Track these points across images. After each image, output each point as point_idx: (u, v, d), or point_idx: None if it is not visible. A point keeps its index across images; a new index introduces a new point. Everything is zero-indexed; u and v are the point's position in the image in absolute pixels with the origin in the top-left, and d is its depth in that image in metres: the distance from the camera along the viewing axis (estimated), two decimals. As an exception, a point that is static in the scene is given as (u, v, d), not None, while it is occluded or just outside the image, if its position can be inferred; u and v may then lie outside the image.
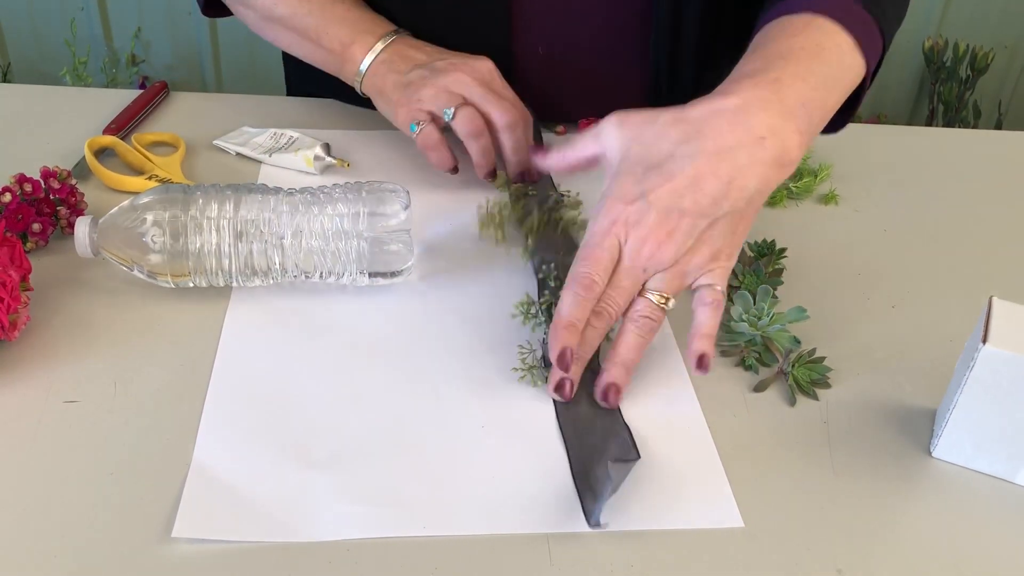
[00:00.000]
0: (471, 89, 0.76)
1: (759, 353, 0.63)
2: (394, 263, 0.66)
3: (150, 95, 0.90)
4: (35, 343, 0.61)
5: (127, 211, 0.62)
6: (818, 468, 0.56)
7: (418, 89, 0.76)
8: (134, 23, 1.94)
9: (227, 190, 0.64)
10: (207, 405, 0.57)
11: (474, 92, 0.76)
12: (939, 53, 1.98)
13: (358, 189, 0.65)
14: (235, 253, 0.62)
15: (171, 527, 0.49)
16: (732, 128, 0.56)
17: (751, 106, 0.57)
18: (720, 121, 0.57)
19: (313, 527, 0.50)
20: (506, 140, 0.76)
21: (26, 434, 0.54)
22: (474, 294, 0.68)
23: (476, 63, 0.77)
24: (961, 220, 0.82)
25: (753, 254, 0.72)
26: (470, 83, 0.76)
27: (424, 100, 0.76)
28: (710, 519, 0.52)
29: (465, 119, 0.75)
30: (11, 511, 0.50)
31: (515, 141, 0.77)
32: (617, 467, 0.51)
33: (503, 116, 0.76)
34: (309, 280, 0.66)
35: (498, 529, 0.50)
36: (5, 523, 0.49)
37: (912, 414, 0.60)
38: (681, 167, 0.56)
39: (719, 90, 0.59)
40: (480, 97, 0.76)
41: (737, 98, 0.57)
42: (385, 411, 0.58)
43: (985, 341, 0.51)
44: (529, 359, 0.61)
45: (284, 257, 0.63)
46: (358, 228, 0.64)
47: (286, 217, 0.63)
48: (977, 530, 0.53)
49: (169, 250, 0.62)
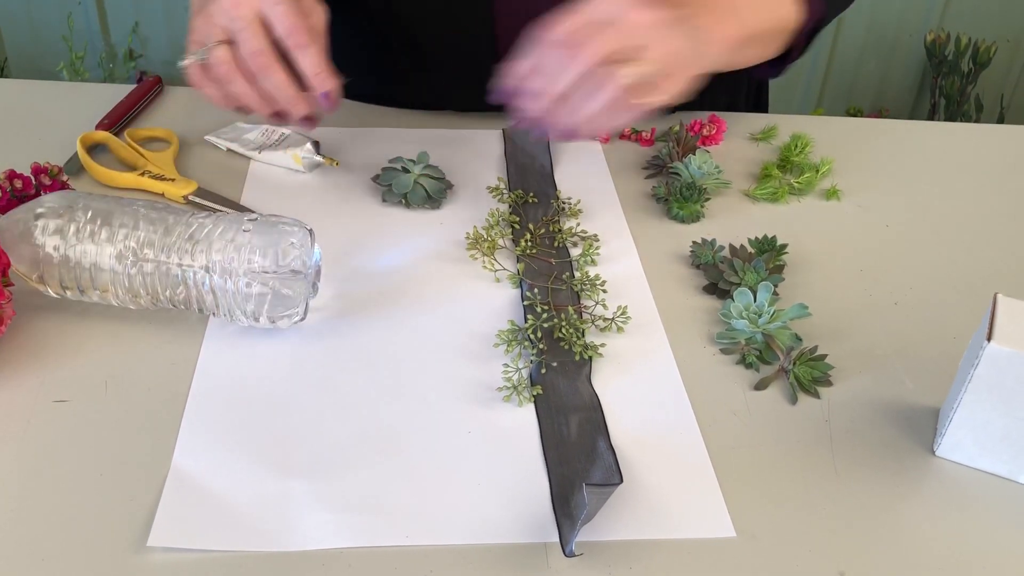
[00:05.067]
0: (231, 19, 0.66)
1: (760, 351, 0.62)
2: (280, 308, 0.59)
3: (144, 90, 0.89)
4: (24, 342, 0.60)
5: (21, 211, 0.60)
6: (820, 467, 0.55)
7: (194, 18, 0.68)
8: (131, 18, 1.93)
9: (125, 205, 0.60)
10: (187, 411, 0.56)
11: (233, 23, 0.66)
12: (941, 47, 1.97)
13: (258, 224, 0.59)
14: (124, 273, 0.59)
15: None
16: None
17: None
18: None
19: (293, 536, 0.49)
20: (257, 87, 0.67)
21: (14, 434, 0.53)
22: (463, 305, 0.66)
23: None
24: (964, 215, 0.81)
25: (754, 250, 0.71)
26: (230, 10, 0.66)
27: (194, 31, 0.68)
28: (702, 529, 0.51)
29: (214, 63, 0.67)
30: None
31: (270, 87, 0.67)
32: (595, 492, 0.49)
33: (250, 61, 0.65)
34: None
35: (482, 539, 0.49)
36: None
37: (915, 413, 0.59)
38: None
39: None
40: (236, 30, 0.66)
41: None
42: (368, 418, 0.56)
43: (990, 339, 0.50)
44: (515, 378, 0.59)
45: (168, 287, 0.59)
46: (246, 267, 0.58)
47: (176, 244, 0.58)
48: (982, 530, 0.52)
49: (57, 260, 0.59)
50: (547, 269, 0.69)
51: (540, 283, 0.67)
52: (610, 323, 0.64)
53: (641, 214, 0.77)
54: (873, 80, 2.07)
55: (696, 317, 0.66)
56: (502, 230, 0.73)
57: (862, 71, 2.06)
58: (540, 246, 0.71)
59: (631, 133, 0.88)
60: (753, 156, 0.87)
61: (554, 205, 0.76)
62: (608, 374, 0.61)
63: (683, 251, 0.73)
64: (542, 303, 0.65)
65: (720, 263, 0.69)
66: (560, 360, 0.61)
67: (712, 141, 0.87)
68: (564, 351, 0.61)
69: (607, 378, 0.60)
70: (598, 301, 0.67)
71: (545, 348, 0.61)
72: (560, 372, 0.60)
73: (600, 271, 0.70)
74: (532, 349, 0.61)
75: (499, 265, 0.69)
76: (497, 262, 0.70)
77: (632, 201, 0.79)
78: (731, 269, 0.68)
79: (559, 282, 0.68)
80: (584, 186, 0.80)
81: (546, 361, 0.60)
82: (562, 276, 0.68)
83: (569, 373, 0.60)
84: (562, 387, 0.59)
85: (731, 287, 0.67)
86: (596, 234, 0.74)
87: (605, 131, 0.65)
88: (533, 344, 0.61)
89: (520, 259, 0.70)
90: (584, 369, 0.60)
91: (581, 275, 0.68)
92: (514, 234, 0.73)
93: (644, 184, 0.82)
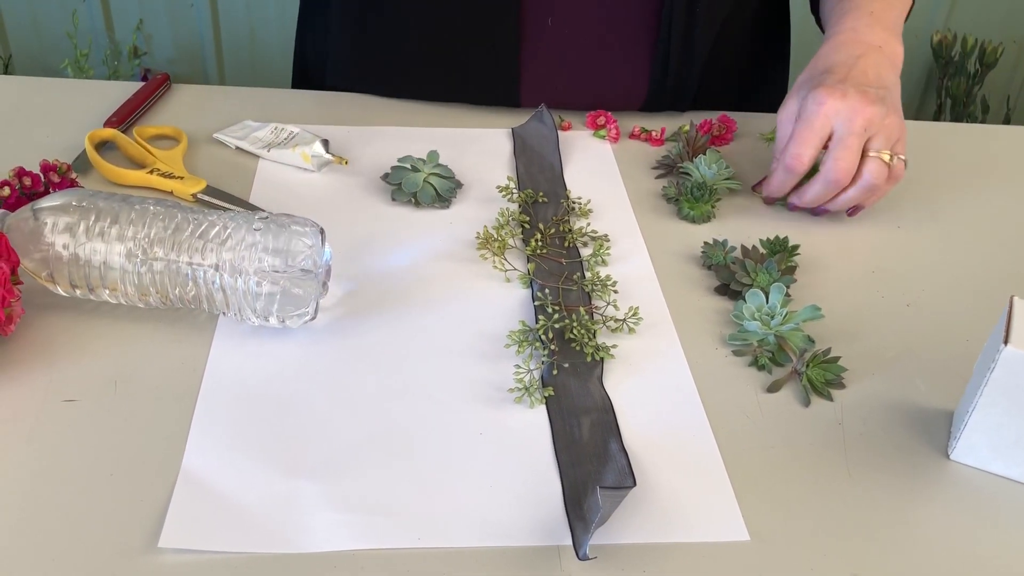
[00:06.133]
0: None
1: (772, 353, 0.62)
2: (291, 307, 0.59)
3: (152, 88, 0.89)
4: (33, 340, 0.59)
5: (27, 209, 0.60)
6: (833, 470, 0.55)
7: None
8: (136, 15, 1.93)
9: (134, 203, 0.60)
10: (197, 411, 0.55)
11: None
12: (947, 47, 1.97)
13: (268, 223, 0.59)
14: (134, 271, 0.58)
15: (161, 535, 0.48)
16: (855, 46, 0.76)
17: (861, 29, 0.77)
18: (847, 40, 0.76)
19: (304, 537, 0.48)
20: None
21: (24, 433, 0.53)
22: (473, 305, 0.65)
23: None
24: (973, 216, 0.81)
25: (766, 251, 0.71)
26: None
27: None
28: (716, 533, 0.50)
29: None
30: (3, 513, 0.49)
31: None
32: (608, 495, 0.49)
33: None
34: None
35: (495, 542, 0.49)
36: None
37: (928, 415, 0.59)
38: (846, 66, 0.73)
39: (832, 32, 0.78)
40: None
41: (851, 32, 0.77)
42: (379, 418, 0.56)
43: (1007, 342, 0.50)
44: (526, 379, 0.59)
45: (177, 286, 0.59)
46: (256, 266, 0.57)
47: (186, 243, 0.58)
48: (996, 535, 0.52)
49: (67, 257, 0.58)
50: (558, 269, 0.69)
51: (551, 283, 0.67)
52: (622, 324, 0.64)
53: (651, 214, 0.77)
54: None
55: (708, 318, 0.66)
56: (512, 230, 0.73)
57: (868, 71, 2.05)
58: (550, 246, 0.71)
59: (641, 132, 0.88)
60: (764, 156, 0.87)
61: (564, 205, 0.76)
62: (620, 376, 0.60)
63: (694, 252, 0.72)
64: (553, 303, 0.65)
65: (732, 264, 0.69)
66: (572, 361, 0.60)
67: (722, 141, 0.87)
68: (576, 352, 0.61)
69: (619, 380, 0.60)
70: (609, 302, 0.66)
71: (556, 349, 0.61)
72: (572, 373, 0.59)
73: (611, 271, 0.69)
74: (543, 350, 0.61)
75: (509, 265, 0.69)
76: (507, 262, 0.69)
77: (642, 201, 0.79)
78: (743, 270, 0.68)
79: (570, 282, 0.67)
80: (594, 186, 0.80)
81: (558, 362, 0.60)
82: (573, 276, 0.68)
83: (581, 374, 0.59)
84: (574, 388, 0.58)
85: (743, 288, 0.66)
86: (606, 234, 0.73)
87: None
88: (544, 345, 0.61)
89: (530, 259, 0.69)
90: (596, 370, 0.60)
91: (592, 275, 0.68)
92: (524, 234, 0.73)
93: (655, 184, 0.81)
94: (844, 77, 0.72)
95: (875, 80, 0.73)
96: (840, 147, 0.71)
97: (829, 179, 0.72)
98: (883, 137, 0.71)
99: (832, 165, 0.71)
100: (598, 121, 0.88)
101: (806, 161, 0.72)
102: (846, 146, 0.71)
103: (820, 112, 0.71)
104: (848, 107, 0.70)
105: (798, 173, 0.73)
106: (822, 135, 0.72)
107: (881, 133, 0.71)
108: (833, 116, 0.71)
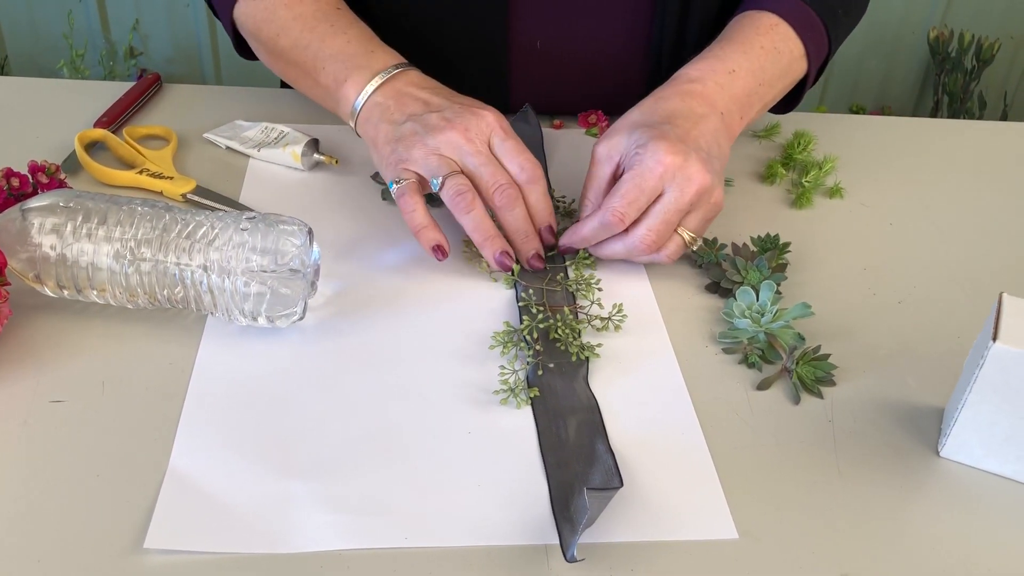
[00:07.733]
0: (464, 153, 0.66)
1: (762, 350, 0.62)
2: (279, 307, 0.59)
3: (143, 87, 0.89)
4: (20, 341, 0.59)
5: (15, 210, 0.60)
6: (823, 468, 0.54)
7: (408, 148, 0.66)
8: (132, 16, 1.93)
9: (122, 203, 0.59)
10: (184, 411, 0.55)
11: (468, 157, 0.66)
12: (944, 43, 1.96)
13: (256, 223, 0.58)
14: (121, 272, 0.58)
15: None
16: (701, 103, 0.70)
17: (711, 87, 0.70)
18: (693, 92, 0.70)
19: (291, 537, 0.48)
20: (502, 218, 0.67)
21: (10, 434, 0.53)
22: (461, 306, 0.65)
23: (475, 120, 0.67)
24: (968, 213, 0.80)
25: (756, 248, 0.71)
26: (464, 145, 0.66)
27: (412, 161, 0.66)
28: (705, 530, 0.50)
29: (451, 190, 0.65)
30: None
31: (513, 220, 0.66)
32: (595, 496, 0.48)
33: (499, 195, 0.65)
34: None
35: (483, 541, 0.49)
36: (-13, 527, 0.48)
37: (919, 413, 0.59)
38: (688, 121, 0.67)
39: (684, 72, 0.72)
40: (475, 164, 0.66)
41: (700, 84, 0.71)
42: (367, 418, 0.56)
43: (995, 339, 0.50)
44: (511, 380, 0.58)
45: (165, 286, 0.58)
46: (244, 266, 0.57)
47: (174, 243, 0.58)
48: (986, 532, 0.51)
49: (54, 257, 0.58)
50: (541, 272, 0.68)
51: (535, 284, 0.67)
52: (607, 322, 0.64)
53: (643, 212, 0.77)
54: (876, 77, 2.06)
55: (698, 316, 0.66)
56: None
57: (865, 68, 2.06)
58: None
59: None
60: (755, 153, 0.86)
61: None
62: (609, 374, 0.60)
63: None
64: (537, 304, 0.64)
65: (722, 261, 0.69)
66: (557, 361, 0.60)
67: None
68: (561, 352, 0.61)
69: (608, 379, 0.60)
70: (594, 301, 0.66)
71: (541, 349, 0.61)
72: (557, 373, 0.59)
73: (599, 271, 0.69)
74: (528, 351, 0.61)
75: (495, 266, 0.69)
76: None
77: (633, 199, 0.78)
78: (733, 268, 0.68)
79: (554, 283, 0.67)
80: (580, 185, 0.79)
81: (543, 363, 0.60)
82: (557, 277, 0.68)
83: (566, 374, 0.59)
84: (559, 389, 0.58)
85: (733, 286, 0.66)
86: None
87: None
88: (529, 346, 0.61)
89: (516, 260, 0.69)
90: (581, 370, 0.60)
91: (576, 275, 0.68)
92: None
93: (646, 182, 0.81)
94: (684, 135, 0.65)
95: (716, 149, 0.67)
96: (660, 219, 0.64)
97: (633, 246, 0.65)
98: (701, 216, 0.66)
99: (643, 235, 0.65)
100: (589, 120, 0.88)
101: (627, 222, 0.64)
102: (666, 221, 0.64)
103: (657, 172, 0.63)
104: (685, 175, 0.63)
105: (615, 232, 0.65)
106: (651, 197, 0.64)
107: (701, 210, 0.65)
108: (669, 180, 0.63)
